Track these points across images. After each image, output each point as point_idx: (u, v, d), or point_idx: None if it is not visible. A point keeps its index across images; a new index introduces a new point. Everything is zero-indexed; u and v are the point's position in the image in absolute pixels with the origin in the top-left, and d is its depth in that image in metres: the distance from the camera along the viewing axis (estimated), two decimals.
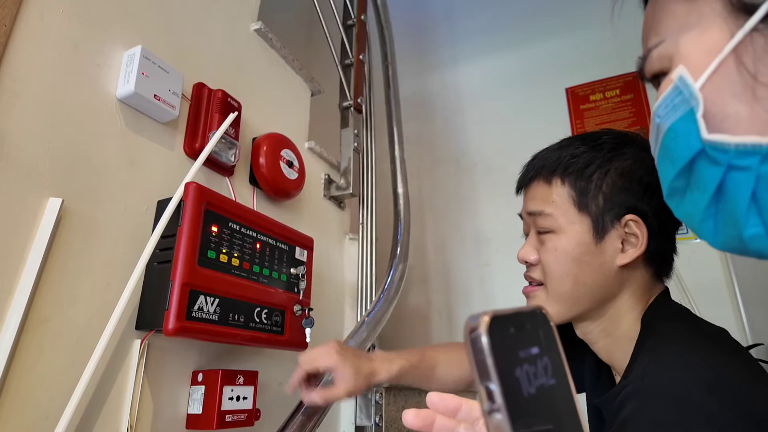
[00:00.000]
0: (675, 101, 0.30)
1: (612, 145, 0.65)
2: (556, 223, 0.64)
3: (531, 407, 0.23)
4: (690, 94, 0.29)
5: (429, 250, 2.30)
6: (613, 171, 0.63)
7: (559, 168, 0.65)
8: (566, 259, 0.63)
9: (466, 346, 0.24)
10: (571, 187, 0.64)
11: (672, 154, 0.31)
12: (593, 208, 0.63)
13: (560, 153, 0.67)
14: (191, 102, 0.89)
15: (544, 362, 0.24)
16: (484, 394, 0.23)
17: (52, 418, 0.60)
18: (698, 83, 0.29)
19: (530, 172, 0.70)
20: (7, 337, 0.57)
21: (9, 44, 0.63)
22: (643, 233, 0.61)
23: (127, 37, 0.80)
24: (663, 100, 0.32)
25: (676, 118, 0.30)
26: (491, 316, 0.24)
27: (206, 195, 0.77)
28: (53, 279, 0.63)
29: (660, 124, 0.32)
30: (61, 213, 0.64)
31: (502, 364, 0.23)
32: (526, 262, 0.70)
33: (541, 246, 0.67)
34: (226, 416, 0.77)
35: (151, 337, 0.74)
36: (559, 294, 0.64)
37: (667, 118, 0.31)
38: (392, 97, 1.60)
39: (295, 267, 0.95)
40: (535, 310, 0.25)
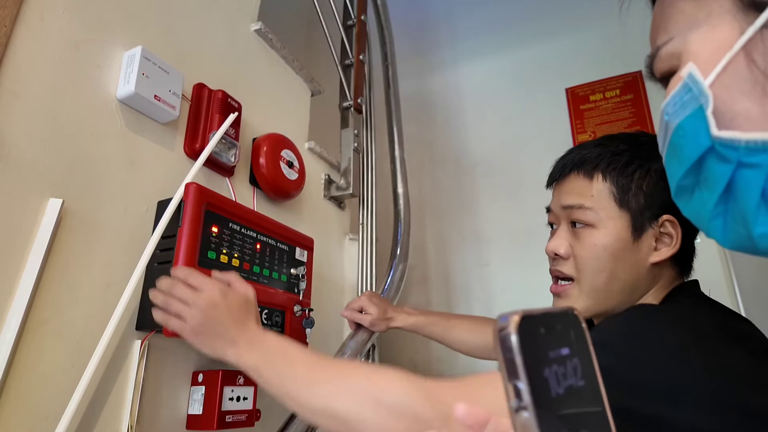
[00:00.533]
0: (684, 99, 0.30)
1: (651, 146, 0.66)
2: (596, 217, 0.65)
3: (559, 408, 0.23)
4: (699, 92, 0.29)
5: (429, 250, 2.30)
6: (653, 171, 0.64)
7: (601, 163, 0.66)
8: (605, 254, 0.64)
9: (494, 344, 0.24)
10: (612, 183, 0.65)
11: (680, 152, 0.31)
12: (633, 206, 0.64)
13: (601, 149, 0.67)
14: (191, 102, 0.89)
15: (574, 363, 0.24)
16: (512, 392, 0.23)
17: (53, 419, 0.60)
18: (708, 80, 0.28)
19: (567, 165, 0.70)
20: (7, 337, 0.57)
21: (9, 45, 0.63)
22: (678, 233, 0.63)
23: (127, 38, 0.80)
24: (672, 98, 0.31)
25: (685, 115, 0.30)
26: (521, 315, 0.24)
27: (206, 195, 0.77)
28: (54, 280, 0.63)
29: (668, 121, 0.32)
30: (62, 214, 0.64)
31: (531, 363, 0.23)
32: (555, 255, 0.69)
33: (575, 240, 0.67)
34: (226, 417, 0.77)
35: (152, 338, 0.74)
36: (592, 288, 0.65)
37: (675, 115, 0.31)
38: (392, 97, 1.60)
39: (296, 267, 0.95)
40: (567, 311, 0.25)
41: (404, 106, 1.67)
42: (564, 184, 0.71)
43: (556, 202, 0.72)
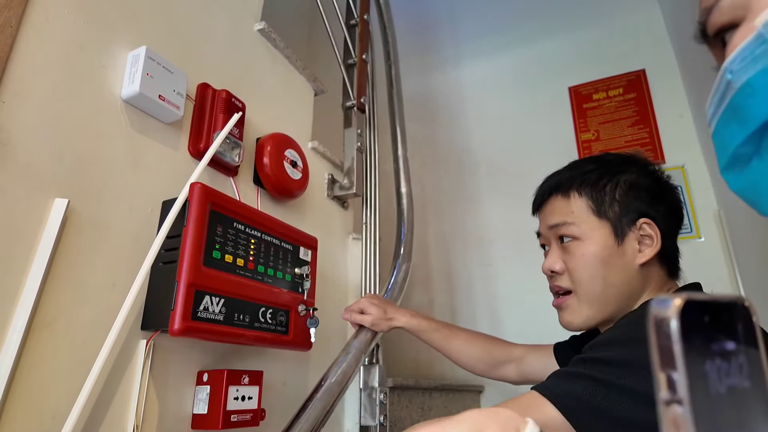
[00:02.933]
0: (756, 52, 0.27)
1: (618, 162, 0.73)
2: (580, 230, 0.71)
3: (718, 408, 0.21)
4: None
5: (431, 249, 2.30)
6: (623, 183, 0.71)
7: (575, 183, 0.73)
8: (595, 262, 0.69)
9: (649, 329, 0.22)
10: (588, 197, 0.72)
11: (744, 114, 0.27)
12: (611, 214, 0.70)
13: (572, 171, 0.75)
14: (195, 102, 0.90)
15: (740, 361, 0.21)
16: (663, 383, 0.21)
17: (59, 418, 0.60)
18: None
19: (546, 191, 0.78)
20: (14, 337, 0.57)
21: (15, 45, 0.63)
22: (657, 233, 0.68)
23: (131, 38, 0.80)
24: (740, 52, 0.28)
25: (757, 70, 0.27)
26: (685, 299, 0.21)
27: (211, 195, 0.77)
28: (59, 279, 0.63)
29: (732, 80, 0.28)
30: (67, 213, 0.64)
31: (690, 353, 0.21)
32: (552, 272, 0.75)
33: (567, 255, 0.73)
34: (231, 416, 0.77)
35: (157, 337, 0.74)
36: (590, 297, 0.70)
37: (743, 72, 0.27)
38: (395, 96, 1.60)
39: (300, 267, 0.95)
40: (737, 301, 0.22)
41: (406, 106, 1.67)
42: (546, 207, 0.78)
43: (543, 225, 0.79)
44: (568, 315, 0.73)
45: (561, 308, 0.74)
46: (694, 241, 1.80)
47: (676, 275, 0.73)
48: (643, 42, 2.06)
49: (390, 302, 1.10)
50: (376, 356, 1.24)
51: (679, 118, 1.92)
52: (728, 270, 1.70)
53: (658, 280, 0.70)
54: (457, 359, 1.05)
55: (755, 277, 1.52)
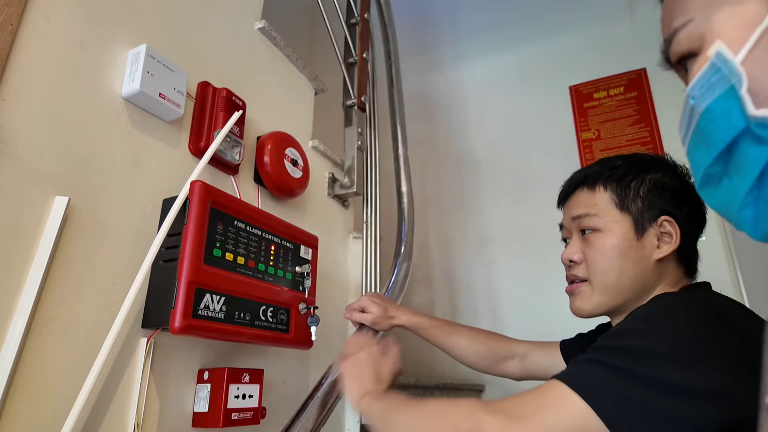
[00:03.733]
0: (712, 80, 0.29)
1: (646, 161, 0.76)
2: (602, 222, 0.73)
3: None
4: (730, 70, 0.27)
5: (432, 248, 2.30)
6: (648, 181, 0.73)
7: (601, 177, 0.76)
8: (612, 253, 0.71)
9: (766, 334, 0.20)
10: (612, 191, 0.74)
11: (709, 138, 0.29)
12: (633, 209, 0.72)
13: (601, 166, 0.77)
14: (196, 101, 0.89)
15: None
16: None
17: (60, 416, 0.60)
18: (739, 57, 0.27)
19: (573, 183, 0.80)
20: (15, 335, 0.57)
21: (15, 43, 0.63)
22: (677, 231, 0.70)
23: (132, 36, 0.80)
24: (698, 80, 0.30)
25: (714, 97, 0.28)
26: None
27: (212, 193, 0.77)
28: (60, 277, 0.63)
29: (694, 106, 0.30)
30: (68, 211, 0.64)
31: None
32: (570, 261, 0.77)
33: (586, 246, 0.75)
34: (232, 414, 0.77)
35: (157, 336, 0.74)
36: (604, 285, 0.72)
37: (703, 98, 0.29)
38: (395, 95, 1.60)
39: (300, 265, 0.95)
40: None
41: (407, 105, 1.67)
42: (571, 199, 0.80)
43: (566, 216, 0.80)
44: (579, 301, 0.75)
45: (573, 294, 0.76)
46: None
47: (692, 275, 0.74)
48: (643, 41, 2.04)
49: (391, 301, 1.10)
50: None
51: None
52: (729, 269, 1.70)
53: (673, 277, 0.72)
54: (459, 356, 1.05)
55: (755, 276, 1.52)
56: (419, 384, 1.47)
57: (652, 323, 0.55)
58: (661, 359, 0.50)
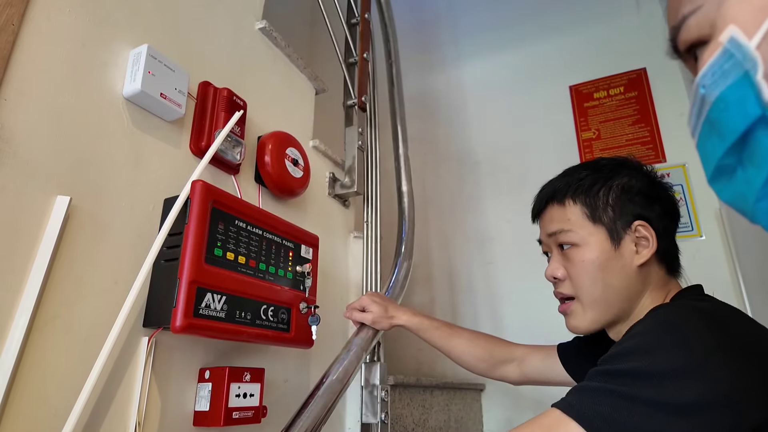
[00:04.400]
0: (725, 67, 0.27)
1: (610, 167, 0.75)
2: (578, 236, 0.72)
3: None
4: (744, 56, 0.26)
5: (433, 248, 2.30)
6: (616, 187, 0.73)
7: (569, 190, 0.75)
8: (593, 267, 0.71)
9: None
10: (582, 204, 0.73)
11: (722, 128, 0.28)
12: (605, 219, 0.71)
13: (567, 179, 0.76)
14: (197, 100, 0.90)
15: None
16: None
17: (61, 415, 0.60)
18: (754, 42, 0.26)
19: (543, 199, 0.80)
20: (16, 334, 0.57)
21: (16, 43, 0.64)
22: (652, 234, 0.70)
23: (133, 36, 0.80)
24: (709, 68, 0.28)
25: (727, 84, 0.27)
26: None
27: (213, 193, 0.77)
28: (61, 277, 0.64)
29: (705, 95, 0.29)
30: (69, 211, 0.65)
31: None
32: (554, 278, 0.77)
33: (567, 262, 0.74)
34: (233, 413, 0.77)
35: (158, 335, 0.74)
36: (592, 301, 0.72)
37: (714, 87, 0.28)
38: (396, 95, 1.60)
39: (301, 265, 0.95)
40: None
41: (407, 105, 1.67)
42: (545, 215, 0.80)
43: (543, 233, 0.80)
44: (574, 320, 0.75)
45: (566, 314, 0.76)
46: (696, 240, 1.80)
47: (676, 272, 0.74)
48: (643, 40, 2.05)
49: (391, 300, 1.10)
50: (378, 354, 1.25)
51: (680, 116, 1.92)
52: (729, 268, 1.70)
53: (657, 279, 0.71)
54: (457, 358, 1.05)
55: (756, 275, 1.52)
56: (420, 383, 1.47)
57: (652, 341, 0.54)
58: (663, 378, 0.49)
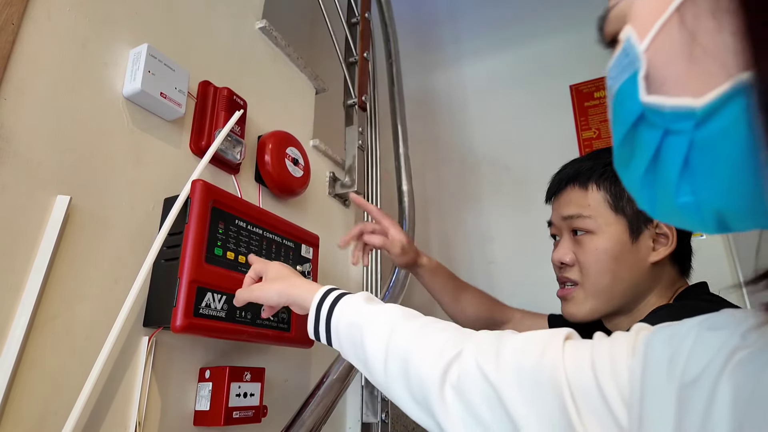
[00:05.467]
0: (623, 63, 0.29)
1: None
2: (595, 224, 0.69)
3: None
4: (635, 56, 0.28)
5: (433, 247, 2.30)
6: None
7: (594, 175, 0.71)
8: (606, 257, 0.68)
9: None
10: (606, 191, 0.70)
11: (619, 118, 0.30)
12: (628, 211, 0.68)
13: (593, 162, 0.72)
14: (197, 100, 0.90)
15: None
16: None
17: (62, 414, 0.60)
18: (643, 44, 0.28)
19: (563, 180, 0.75)
20: (17, 333, 0.57)
21: (16, 43, 0.64)
22: (673, 232, 0.67)
23: (133, 36, 0.80)
24: (614, 62, 0.31)
25: (623, 80, 0.29)
26: None
27: (213, 192, 0.77)
28: (61, 276, 0.64)
29: (611, 86, 0.31)
30: (69, 210, 0.65)
31: None
32: (561, 264, 0.74)
33: (578, 247, 0.71)
34: (233, 413, 0.77)
35: (159, 334, 0.74)
36: (596, 290, 0.69)
37: (617, 79, 0.30)
38: (396, 94, 1.60)
39: (301, 264, 0.95)
40: None
41: (408, 104, 1.67)
42: (562, 197, 0.75)
43: (556, 215, 0.76)
44: (572, 306, 0.72)
45: (565, 299, 0.74)
46: (696, 239, 1.79)
47: (687, 274, 0.72)
48: None
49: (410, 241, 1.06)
50: None
51: None
52: (730, 267, 1.70)
53: (668, 278, 0.69)
54: (461, 311, 1.05)
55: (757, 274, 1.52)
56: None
57: None
58: None
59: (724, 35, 0.24)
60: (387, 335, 0.53)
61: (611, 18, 0.32)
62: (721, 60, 0.24)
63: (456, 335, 0.50)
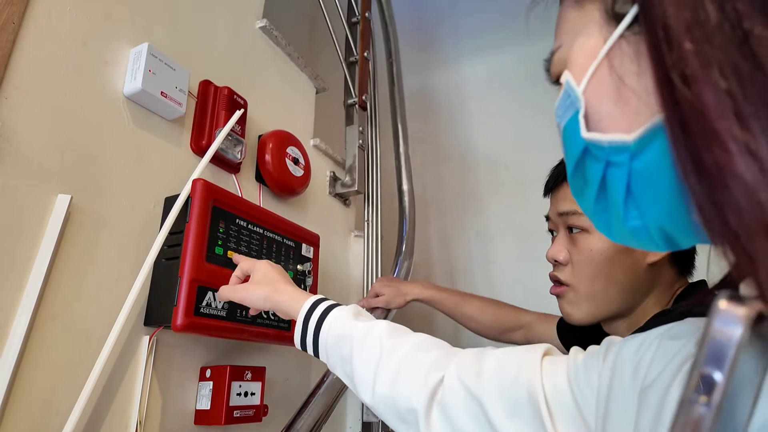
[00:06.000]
0: (566, 103, 0.33)
1: None
2: (590, 223, 0.67)
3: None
4: (575, 97, 0.31)
5: (433, 247, 2.30)
6: None
7: None
8: (600, 258, 0.66)
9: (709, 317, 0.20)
10: None
11: (568, 152, 0.34)
12: None
13: None
14: (197, 99, 0.90)
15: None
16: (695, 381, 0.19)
17: (63, 414, 0.60)
18: (581, 87, 0.31)
19: (560, 174, 0.74)
20: (18, 332, 0.57)
21: (17, 42, 0.64)
22: None
23: (133, 35, 0.80)
24: (559, 102, 0.34)
25: (568, 118, 0.32)
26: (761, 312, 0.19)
27: (213, 192, 0.77)
28: (62, 275, 0.64)
29: (559, 123, 0.34)
30: (70, 209, 0.65)
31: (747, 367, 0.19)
32: (555, 261, 0.73)
33: (573, 246, 0.70)
34: (234, 412, 0.77)
35: (159, 333, 0.74)
36: (590, 293, 0.68)
37: (563, 117, 0.33)
38: (396, 93, 1.60)
39: (302, 264, 0.95)
40: None
41: (407, 103, 1.67)
42: (559, 192, 0.74)
43: (553, 210, 0.75)
44: (568, 306, 0.71)
45: (559, 296, 0.73)
46: None
47: (688, 273, 0.70)
48: None
49: (400, 280, 1.16)
50: None
51: None
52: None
53: (666, 280, 0.68)
54: (467, 324, 1.09)
55: None
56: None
57: None
58: None
59: (645, 78, 0.27)
60: (377, 358, 0.55)
61: (555, 61, 0.35)
62: (645, 100, 0.27)
63: (442, 355, 0.53)
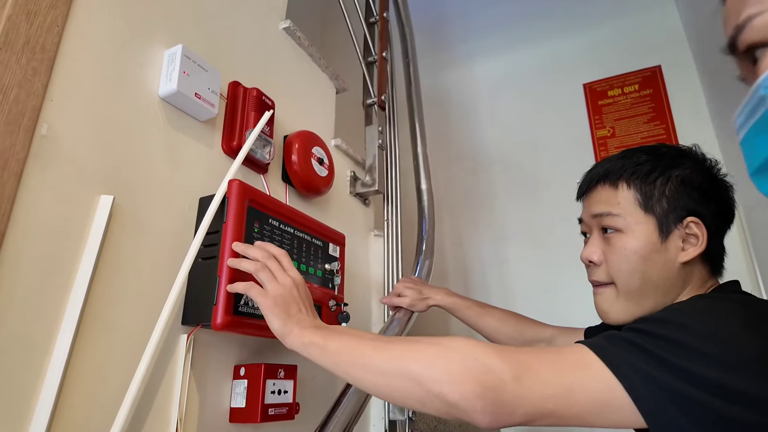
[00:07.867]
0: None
1: (671, 156, 0.71)
2: (624, 223, 0.69)
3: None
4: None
5: (447, 246, 2.30)
6: (675, 178, 0.69)
7: (625, 173, 0.71)
8: (635, 257, 0.68)
9: None
10: (636, 190, 0.70)
11: None
12: (658, 210, 0.68)
13: (624, 161, 0.73)
14: (227, 100, 0.90)
15: None
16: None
17: (107, 408, 0.61)
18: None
19: (593, 178, 0.75)
20: (66, 335, 0.58)
21: (61, 44, 0.64)
22: (703, 233, 0.67)
23: (166, 37, 0.81)
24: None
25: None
26: None
27: (249, 192, 0.78)
28: (105, 276, 0.64)
29: (765, 96, 0.30)
30: (112, 210, 0.65)
31: None
32: (590, 262, 0.74)
33: (607, 246, 0.71)
34: (269, 410, 0.78)
35: (196, 332, 0.75)
36: (628, 291, 0.69)
37: None
38: (414, 93, 1.61)
39: (330, 263, 0.95)
40: None
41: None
42: (592, 195, 0.76)
43: (586, 213, 0.77)
44: (605, 303, 0.72)
45: (597, 293, 0.73)
46: None
47: (718, 273, 0.71)
48: (658, 38, 2.05)
49: (424, 282, 1.17)
50: None
51: (695, 114, 1.92)
52: (747, 265, 1.70)
53: (699, 278, 0.69)
54: (488, 336, 1.09)
55: None
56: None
57: (691, 319, 0.53)
58: (697, 355, 0.48)
59: None
60: None
61: (755, 26, 0.31)
62: None
63: None
